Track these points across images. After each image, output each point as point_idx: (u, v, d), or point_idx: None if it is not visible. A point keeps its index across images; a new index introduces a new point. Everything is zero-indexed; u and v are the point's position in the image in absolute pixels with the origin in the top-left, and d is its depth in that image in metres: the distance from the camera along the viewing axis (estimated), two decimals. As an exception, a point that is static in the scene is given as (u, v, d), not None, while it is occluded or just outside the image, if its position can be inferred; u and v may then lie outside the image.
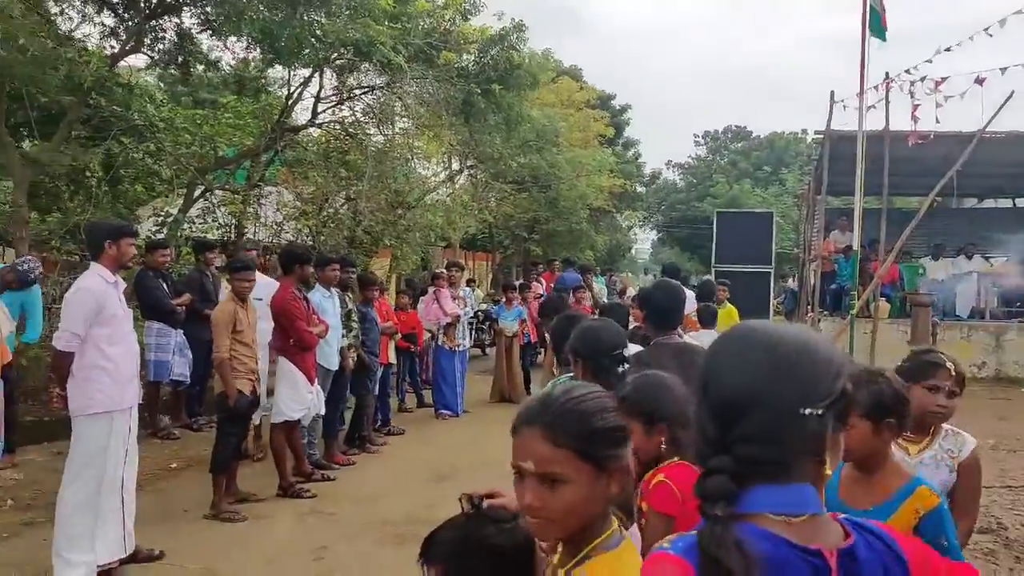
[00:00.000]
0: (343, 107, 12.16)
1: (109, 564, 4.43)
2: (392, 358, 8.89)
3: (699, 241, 39.56)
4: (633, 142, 37.32)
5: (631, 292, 14.23)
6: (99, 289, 4.46)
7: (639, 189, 37.69)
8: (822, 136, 13.97)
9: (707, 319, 7.05)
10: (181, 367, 7.81)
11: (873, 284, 10.80)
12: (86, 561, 4.32)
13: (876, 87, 10.79)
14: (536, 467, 1.38)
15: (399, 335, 9.02)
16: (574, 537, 1.43)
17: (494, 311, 11.81)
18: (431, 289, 10.00)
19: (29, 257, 6.36)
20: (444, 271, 10.38)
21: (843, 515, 1.24)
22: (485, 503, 1.62)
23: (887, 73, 10.68)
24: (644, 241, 59.49)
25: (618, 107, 34.97)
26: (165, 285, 7.87)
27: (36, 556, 4.57)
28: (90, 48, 9.22)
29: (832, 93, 12.78)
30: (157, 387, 7.87)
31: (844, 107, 11.99)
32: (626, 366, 2.85)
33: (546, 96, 21.10)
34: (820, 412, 1.16)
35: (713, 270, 16.47)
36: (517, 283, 12.46)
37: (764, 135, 50.59)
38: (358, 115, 12.15)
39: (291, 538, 5.26)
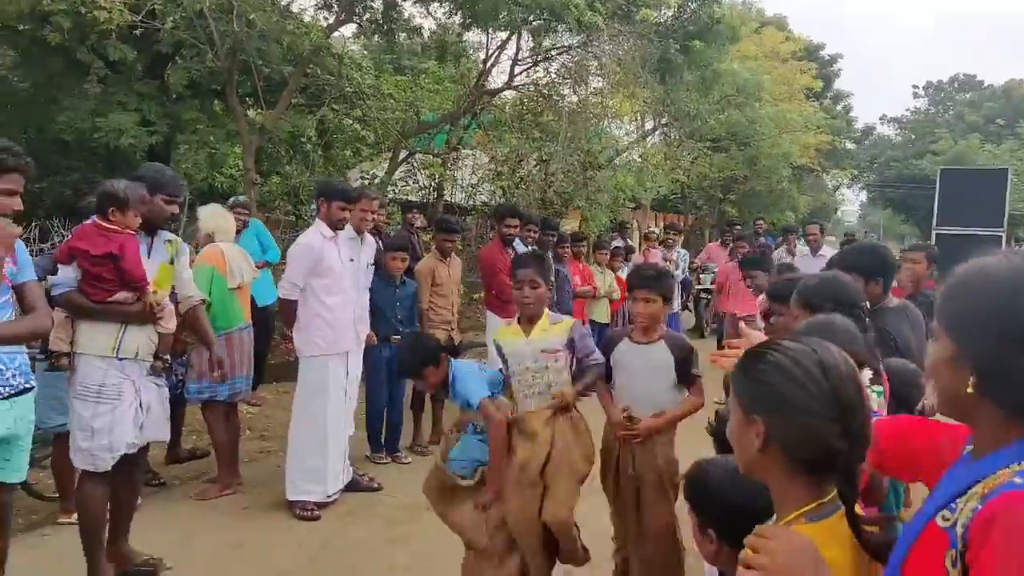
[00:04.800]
0: (538, 68, 12.19)
1: (332, 495, 4.82)
2: (607, 318, 8.70)
3: (915, 202, 36.14)
4: (843, 95, 34.62)
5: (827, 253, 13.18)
6: (316, 243, 4.81)
7: (849, 146, 34.98)
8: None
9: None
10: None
11: None
12: (314, 491, 4.73)
13: None
14: None
15: (611, 295, 8.72)
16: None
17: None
18: (640, 249, 9.91)
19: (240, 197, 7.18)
20: (653, 231, 10.23)
21: None
22: None
23: None
24: (852, 202, 55.28)
25: (827, 57, 32.51)
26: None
27: (273, 479, 5.08)
28: (307, 20, 9.88)
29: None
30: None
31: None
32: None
33: (748, 48, 19.98)
34: None
35: (934, 233, 14.94)
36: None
37: (999, 84, 45.03)
38: (553, 76, 12.14)
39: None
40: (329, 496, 4.81)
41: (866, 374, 2.19)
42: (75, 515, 3.79)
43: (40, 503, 4.55)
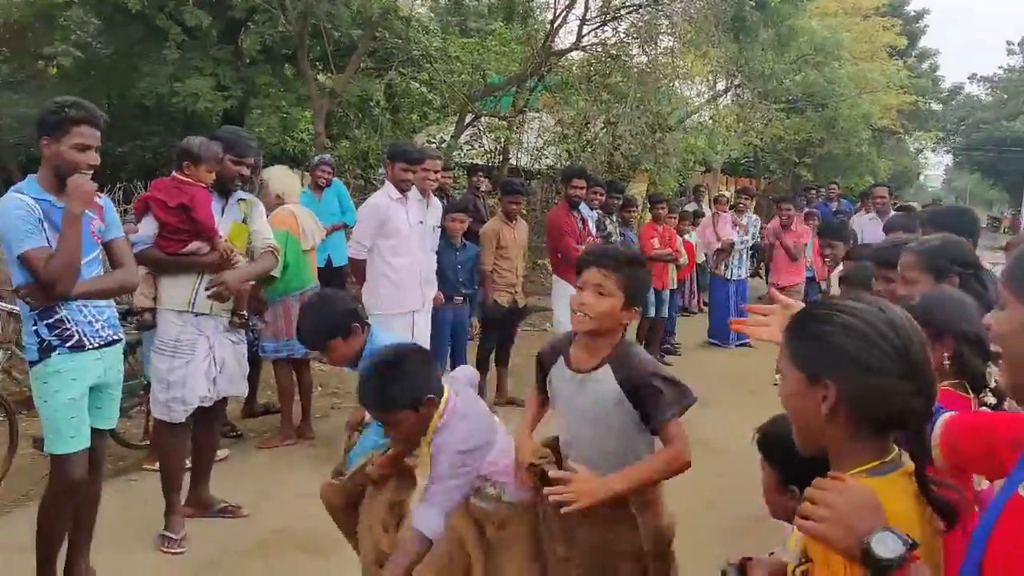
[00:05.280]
0: (607, 28, 11.97)
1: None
2: (673, 284, 8.58)
3: (1006, 166, 34.34)
4: (929, 53, 33.00)
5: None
6: (383, 204, 4.90)
7: (934, 107, 33.31)
8: None
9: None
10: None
11: None
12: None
13: None
14: None
15: (682, 260, 8.60)
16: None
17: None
18: (709, 212, 9.73)
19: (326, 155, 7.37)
20: (724, 194, 10.03)
21: None
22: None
23: None
24: (936, 166, 52.83)
25: (912, 13, 30.95)
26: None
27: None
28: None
29: None
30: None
31: None
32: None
33: (827, 4, 19.15)
34: None
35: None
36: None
37: (1103, 38, 42.04)
38: (622, 36, 11.90)
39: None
40: (396, 451, 4.93)
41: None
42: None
43: (128, 450, 4.81)
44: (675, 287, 8.62)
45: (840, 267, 3.29)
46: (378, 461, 2.71)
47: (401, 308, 4.95)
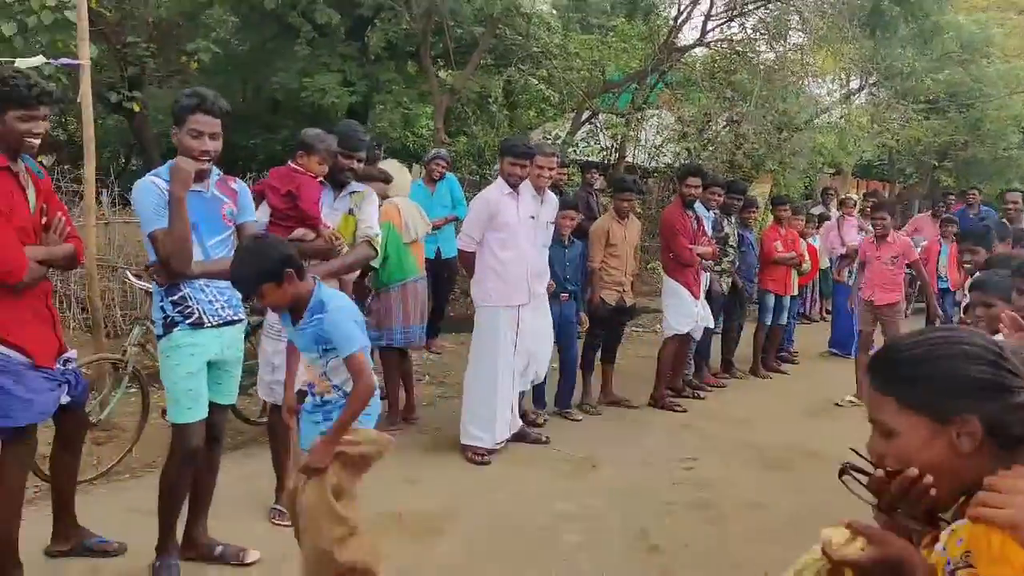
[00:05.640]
0: (733, 24, 11.58)
1: (500, 442, 4.95)
2: (795, 289, 8.17)
3: None
4: (1092, 51, 30.06)
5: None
6: (494, 199, 4.92)
7: (1095, 110, 30.39)
8: None
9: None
10: None
11: None
12: (485, 437, 4.88)
13: None
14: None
15: (805, 266, 8.10)
16: None
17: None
18: (834, 216, 9.25)
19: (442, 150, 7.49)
20: (852, 197, 9.52)
21: None
22: None
23: None
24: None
25: (1075, 8, 28.29)
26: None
27: (449, 423, 5.28)
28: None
29: None
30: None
31: None
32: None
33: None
34: None
35: None
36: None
37: None
38: (748, 32, 11.48)
39: (661, 445, 5.41)
40: (497, 443, 4.93)
41: None
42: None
43: (248, 426, 5.02)
44: (796, 293, 8.23)
45: (970, 282, 3.03)
46: (313, 445, 2.72)
47: (508, 301, 4.93)
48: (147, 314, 4.98)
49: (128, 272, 5.88)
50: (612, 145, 12.09)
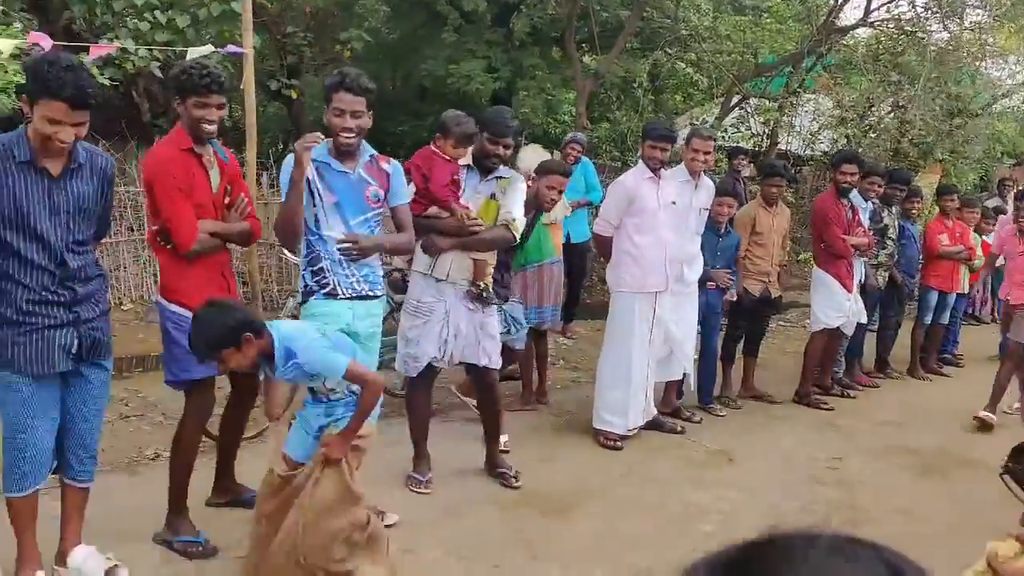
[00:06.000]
0: (901, 2, 10.78)
1: (632, 429, 4.85)
2: (964, 287, 7.50)
3: None
4: None
5: None
6: (631, 183, 4.81)
7: None
8: None
9: None
10: None
11: None
12: (617, 423, 4.80)
13: None
14: None
15: (976, 262, 7.41)
16: None
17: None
18: (1011, 209, 8.40)
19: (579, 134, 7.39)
20: (1035, 190, 8.60)
21: None
22: None
23: None
24: None
25: None
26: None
27: (582, 407, 5.26)
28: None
29: None
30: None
31: None
32: None
33: None
34: None
35: None
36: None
37: None
38: (918, 10, 10.63)
39: (804, 442, 5.16)
40: (630, 430, 4.84)
41: None
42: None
43: (390, 398, 5.18)
44: (965, 291, 7.55)
45: None
46: (332, 437, 2.79)
47: (643, 287, 4.79)
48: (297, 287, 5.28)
49: (284, 249, 6.24)
50: (763, 131, 11.57)
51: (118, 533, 3.19)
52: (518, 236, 4.05)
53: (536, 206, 4.52)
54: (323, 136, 3.25)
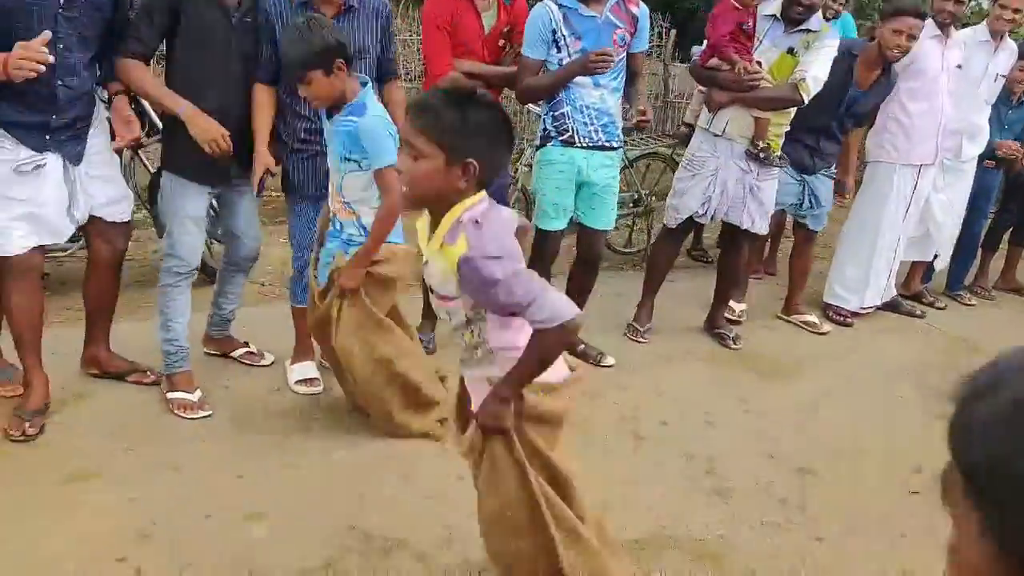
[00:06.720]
0: None
1: (867, 307, 4.64)
2: None
3: None
4: None
5: None
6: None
7: None
8: None
9: None
10: None
11: None
12: (851, 299, 4.60)
13: None
14: None
15: None
16: None
17: None
18: None
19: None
20: None
21: None
22: None
23: None
24: None
25: None
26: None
27: (814, 280, 4.87)
28: None
29: None
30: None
31: None
32: None
33: None
34: None
35: None
36: None
37: None
38: None
39: None
40: (863, 308, 4.62)
41: None
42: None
43: (613, 255, 5.33)
44: None
45: None
46: (343, 266, 2.69)
47: (907, 159, 4.39)
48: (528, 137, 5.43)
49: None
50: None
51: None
52: (807, 98, 3.65)
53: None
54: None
